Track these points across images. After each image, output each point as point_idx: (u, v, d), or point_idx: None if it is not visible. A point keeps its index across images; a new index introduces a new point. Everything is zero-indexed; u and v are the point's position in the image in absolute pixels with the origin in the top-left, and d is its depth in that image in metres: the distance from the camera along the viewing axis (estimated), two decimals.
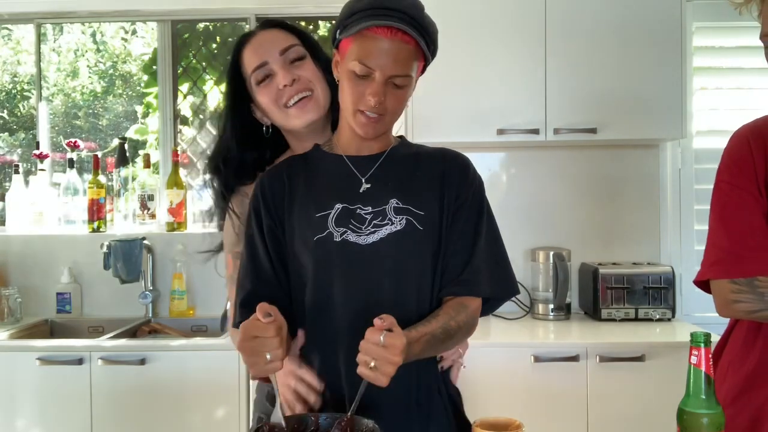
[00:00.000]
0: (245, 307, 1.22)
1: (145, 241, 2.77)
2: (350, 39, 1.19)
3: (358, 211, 1.23)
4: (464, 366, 1.36)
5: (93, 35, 3.30)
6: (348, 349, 1.12)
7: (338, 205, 1.23)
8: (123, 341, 2.35)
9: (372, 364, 1.03)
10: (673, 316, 2.52)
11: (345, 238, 1.20)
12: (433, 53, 1.26)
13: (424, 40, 1.19)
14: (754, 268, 1.22)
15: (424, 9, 1.22)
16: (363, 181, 1.25)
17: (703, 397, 1.01)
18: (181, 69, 3.11)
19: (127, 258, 2.68)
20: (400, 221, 1.22)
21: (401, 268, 1.21)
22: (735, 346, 1.36)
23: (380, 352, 1.03)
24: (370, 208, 1.23)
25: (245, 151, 1.44)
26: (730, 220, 1.29)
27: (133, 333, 2.63)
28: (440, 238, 1.24)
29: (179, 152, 2.91)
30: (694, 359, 1.01)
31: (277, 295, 1.23)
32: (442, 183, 1.26)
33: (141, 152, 3.03)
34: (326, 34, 3.11)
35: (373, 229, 1.21)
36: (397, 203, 1.23)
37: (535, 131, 2.47)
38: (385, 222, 1.22)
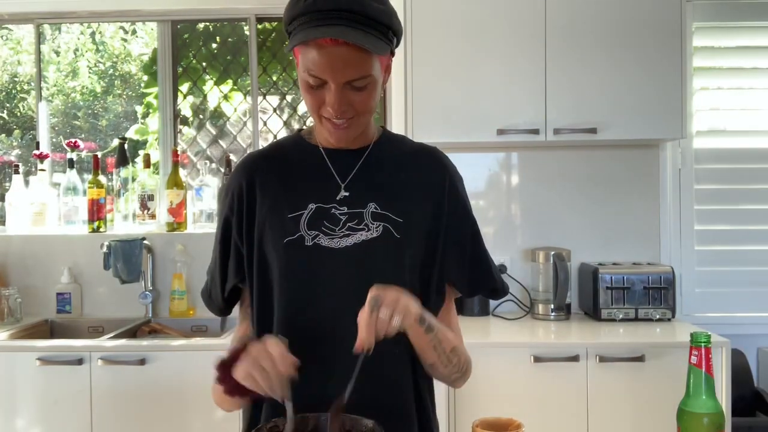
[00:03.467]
0: (204, 297, 1.30)
1: (145, 241, 2.77)
2: (297, 47, 1.08)
3: (333, 210, 1.17)
4: None
5: (93, 35, 3.30)
6: (320, 358, 1.06)
7: (312, 205, 1.17)
8: (123, 341, 2.34)
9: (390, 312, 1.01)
10: (673, 316, 2.52)
11: (317, 242, 1.14)
12: (397, 34, 1.12)
13: (377, 32, 1.07)
14: None
15: None
16: (342, 187, 1.18)
17: (703, 397, 1.01)
18: (181, 69, 3.11)
19: (127, 258, 2.68)
20: (377, 228, 1.16)
21: (375, 277, 1.09)
22: None
23: (401, 301, 1.02)
24: (346, 208, 1.17)
25: None
26: None
27: (133, 333, 2.62)
28: (426, 247, 1.19)
29: (179, 152, 2.91)
30: (694, 359, 1.01)
31: (221, 302, 1.25)
32: (430, 190, 1.21)
33: (141, 152, 3.03)
34: None
35: (347, 232, 1.15)
36: (375, 208, 1.17)
37: (535, 131, 2.47)
38: (362, 227, 1.15)
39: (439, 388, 1.38)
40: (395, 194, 1.19)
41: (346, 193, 1.17)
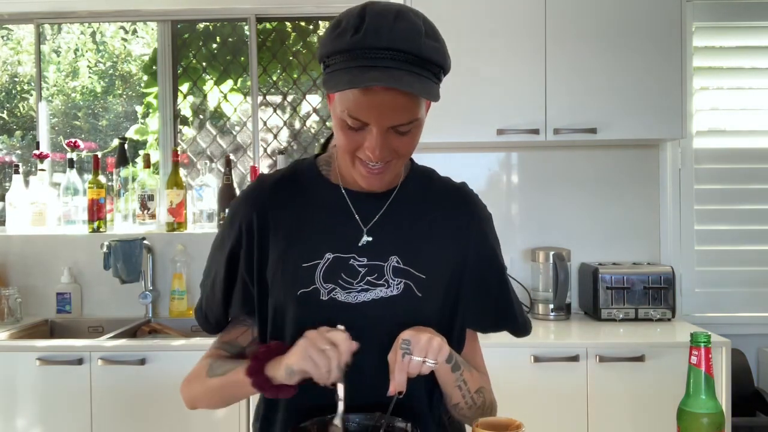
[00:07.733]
0: (198, 316, 1.22)
1: (145, 241, 2.77)
2: None
3: (352, 261, 1.08)
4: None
5: (93, 35, 3.30)
6: (333, 409, 1.00)
7: (329, 255, 1.07)
8: (123, 341, 2.34)
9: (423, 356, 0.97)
10: (673, 316, 2.52)
11: (333, 297, 1.06)
12: (447, 73, 1.03)
13: (430, 74, 0.97)
14: None
15: (423, 30, 0.95)
16: (365, 232, 1.09)
17: (703, 397, 1.01)
18: (181, 69, 3.10)
19: (127, 258, 2.68)
20: (397, 285, 1.08)
21: (393, 336, 1.02)
22: None
23: (433, 344, 0.98)
24: (366, 260, 1.08)
25: None
26: None
27: (133, 333, 2.63)
28: (446, 299, 1.12)
29: (179, 152, 2.91)
30: (694, 359, 1.01)
31: (222, 324, 1.19)
32: (455, 234, 1.14)
33: (141, 152, 3.03)
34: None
35: (366, 287, 1.07)
36: (397, 262, 1.08)
37: (535, 131, 2.47)
38: (381, 282, 1.07)
39: None
40: (419, 245, 1.11)
41: (369, 239, 1.09)
